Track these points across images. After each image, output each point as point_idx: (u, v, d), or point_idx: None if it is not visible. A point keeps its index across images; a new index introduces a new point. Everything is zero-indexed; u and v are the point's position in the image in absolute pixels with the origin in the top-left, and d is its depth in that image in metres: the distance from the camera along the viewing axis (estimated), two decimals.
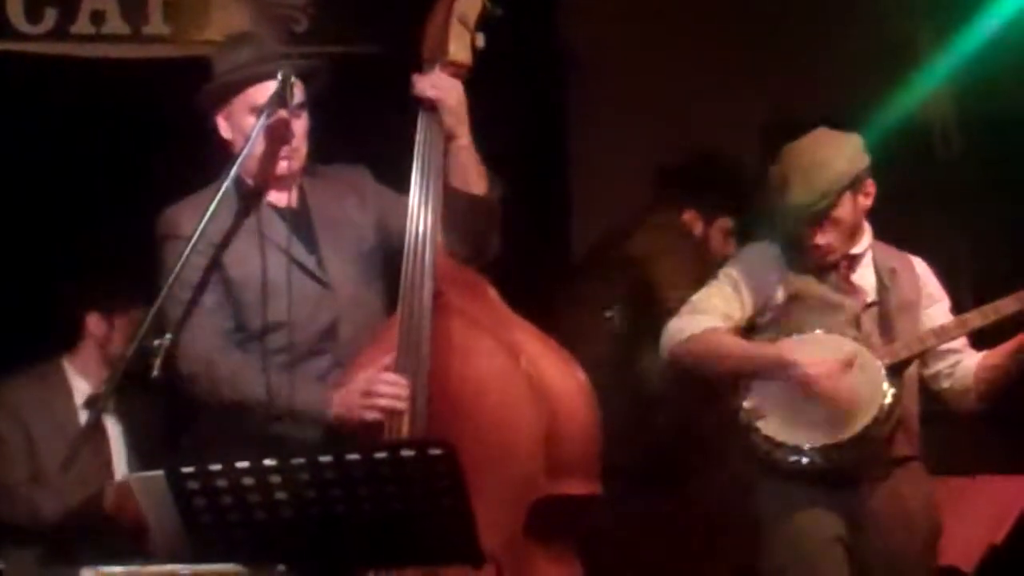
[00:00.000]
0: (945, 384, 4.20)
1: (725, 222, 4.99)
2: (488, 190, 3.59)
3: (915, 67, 5.59)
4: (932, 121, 5.82)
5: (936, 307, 4.21)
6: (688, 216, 5.02)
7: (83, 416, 4.96)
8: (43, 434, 4.94)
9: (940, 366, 4.20)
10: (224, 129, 3.71)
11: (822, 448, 4.05)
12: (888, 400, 4.06)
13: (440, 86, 3.54)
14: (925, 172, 5.74)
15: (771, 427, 4.10)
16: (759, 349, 4.14)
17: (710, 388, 4.32)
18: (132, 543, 4.30)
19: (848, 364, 4.04)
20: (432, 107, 3.55)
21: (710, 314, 4.15)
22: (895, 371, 4.10)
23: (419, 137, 3.56)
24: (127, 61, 5.45)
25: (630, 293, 4.93)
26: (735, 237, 4.97)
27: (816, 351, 4.07)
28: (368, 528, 2.76)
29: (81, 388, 5.05)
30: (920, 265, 4.25)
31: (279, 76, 3.56)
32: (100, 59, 5.44)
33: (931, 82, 5.61)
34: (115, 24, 5.48)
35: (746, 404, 4.14)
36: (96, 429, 4.83)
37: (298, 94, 3.66)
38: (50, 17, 5.44)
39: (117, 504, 4.80)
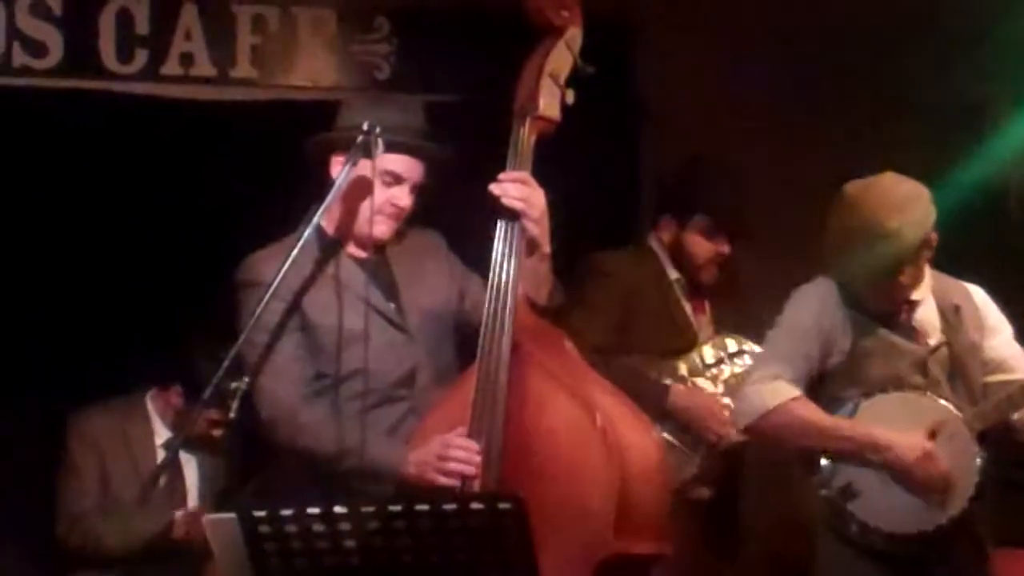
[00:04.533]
0: (1015, 415, 3.99)
1: (700, 219, 4.82)
2: (551, 300, 3.59)
3: (991, 131, 5.60)
4: (1008, 185, 5.82)
5: (999, 338, 4.04)
6: (664, 223, 4.91)
7: (160, 454, 4.99)
8: (118, 467, 4.99)
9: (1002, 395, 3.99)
10: (336, 172, 3.68)
11: (918, 535, 3.90)
12: (979, 477, 3.91)
13: (525, 199, 3.48)
14: (1000, 235, 5.74)
15: (865, 510, 3.92)
16: (850, 428, 3.95)
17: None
18: (196, 569, 4.39)
19: (933, 434, 3.89)
20: (514, 217, 3.50)
21: (787, 377, 3.97)
22: (983, 435, 3.94)
23: (498, 238, 3.50)
24: (214, 103, 5.54)
25: None
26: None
27: (901, 422, 3.90)
28: None
29: (161, 427, 5.08)
30: (979, 294, 4.09)
31: (364, 127, 3.59)
32: (188, 100, 5.52)
33: (1007, 146, 5.60)
34: (203, 66, 5.56)
35: (835, 483, 3.96)
36: (172, 467, 4.90)
37: (414, 174, 3.70)
38: (141, 57, 5.53)
39: (186, 530, 4.86)
